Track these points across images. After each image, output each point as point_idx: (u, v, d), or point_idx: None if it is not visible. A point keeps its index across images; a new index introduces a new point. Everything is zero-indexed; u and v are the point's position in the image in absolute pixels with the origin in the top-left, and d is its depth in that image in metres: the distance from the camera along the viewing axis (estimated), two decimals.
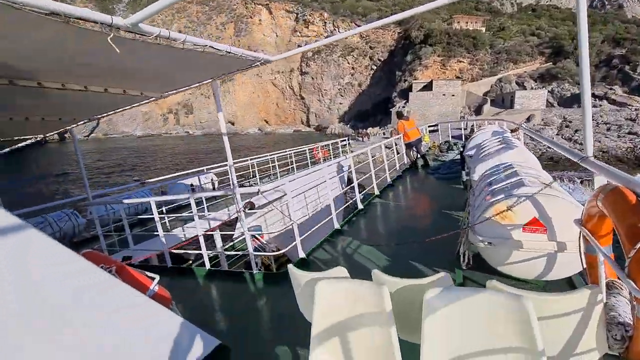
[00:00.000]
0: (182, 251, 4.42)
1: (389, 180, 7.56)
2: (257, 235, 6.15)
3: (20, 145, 5.20)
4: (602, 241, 1.54)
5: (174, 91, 3.42)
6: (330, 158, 15.86)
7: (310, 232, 4.25)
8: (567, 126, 30.07)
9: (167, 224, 7.40)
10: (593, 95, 38.48)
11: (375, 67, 73.64)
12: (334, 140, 16.40)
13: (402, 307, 1.53)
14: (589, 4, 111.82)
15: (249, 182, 12.33)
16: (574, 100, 38.70)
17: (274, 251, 6.67)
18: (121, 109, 3.93)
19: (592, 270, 1.63)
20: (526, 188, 2.48)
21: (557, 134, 28.55)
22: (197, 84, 3.29)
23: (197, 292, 3.66)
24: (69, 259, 1.42)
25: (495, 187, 2.82)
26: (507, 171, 3.12)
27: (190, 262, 6.80)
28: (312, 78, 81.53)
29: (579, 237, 1.72)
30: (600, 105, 35.79)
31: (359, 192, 5.85)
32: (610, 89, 38.60)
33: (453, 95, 43.64)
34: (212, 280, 3.84)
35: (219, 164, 11.25)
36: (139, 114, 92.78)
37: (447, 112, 42.91)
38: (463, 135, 13.02)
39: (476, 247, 2.72)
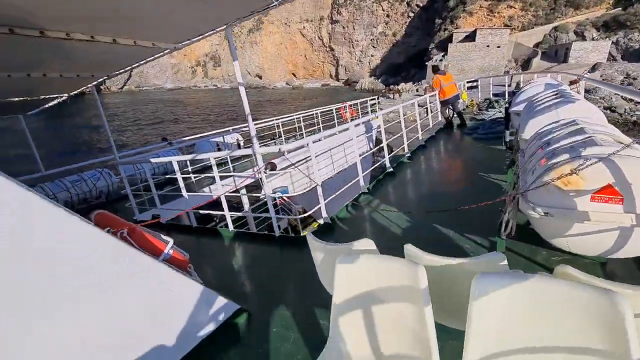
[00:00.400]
0: (207, 211, 4.46)
1: (421, 140, 7.12)
2: (283, 196, 6.03)
3: (47, 105, 5.21)
4: None
5: (188, 41, 3.16)
6: (359, 117, 15.45)
7: (335, 195, 4.07)
8: (630, 84, 26.55)
9: (194, 183, 7.38)
10: None
11: (412, 15, 67.22)
12: (363, 99, 15.59)
13: (440, 289, 1.33)
14: None
15: (274, 141, 12.23)
16: None
17: (299, 212, 6.62)
18: (136, 64, 3.72)
19: None
20: (598, 148, 1.97)
21: (615, 94, 25.39)
22: (212, 32, 2.98)
23: (218, 254, 3.63)
24: (73, 224, 1.34)
25: (554, 146, 2.30)
26: (569, 128, 2.53)
27: (215, 222, 6.81)
28: (343, 27, 76.34)
29: None
30: None
31: (389, 153, 5.49)
32: None
33: (498, 47, 39.36)
34: (235, 242, 3.81)
35: (244, 124, 11.10)
36: (168, 66, 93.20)
37: (490, 66, 39.12)
38: (507, 93, 11.88)
39: (524, 217, 2.32)
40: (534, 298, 1.04)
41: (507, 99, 10.57)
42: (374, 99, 17.15)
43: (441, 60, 41.59)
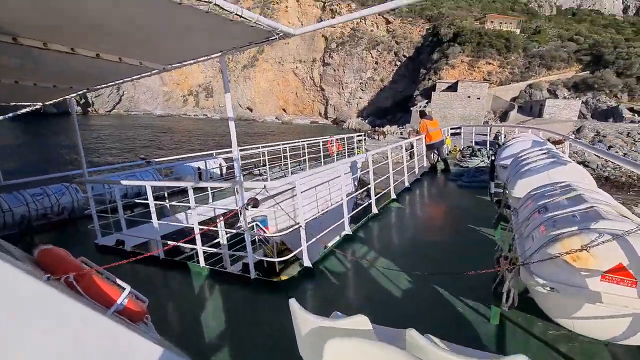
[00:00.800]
0: (177, 243, 4.04)
1: (407, 183, 7.07)
2: (261, 226, 5.82)
3: (20, 112, 4.99)
4: None
5: (178, 64, 3.05)
6: (345, 152, 15.35)
7: (319, 237, 3.85)
8: (599, 141, 28.07)
9: (168, 208, 6.87)
10: (632, 109, 35.88)
11: (399, 63, 71.50)
12: (350, 135, 15.87)
13: None
14: (633, 12, 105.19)
15: (258, 170, 11.82)
16: (609, 114, 36.16)
17: (278, 246, 6.20)
18: (121, 80, 3.54)
19: None
20: (606, 222, 1.87)
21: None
22: (205, 58, 2.88)
23: (185, 294, 3.28)
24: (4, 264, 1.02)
25: (554, 213, 2.22)
26: (567, 193, 2.46)
27: (186, 255, 6.40)
28: (334, 70, 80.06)
29: None
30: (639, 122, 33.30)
31: (375, 195, 5.35)
32: None
33: (478, 99, 41.68)
34: (205, 280, 3.46)
35: (229, 149, 10.55)
36: (160, 93, 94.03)
37: (470, 115, 41.08)
38: (488, 142, 12.21)
39: (522, 283, 2.20)
40: None
41: (489, 149, 10.91)
42: (361, 135, 17.57)
43: (425, 106, 43.46)
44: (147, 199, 4.34)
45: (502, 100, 42.83)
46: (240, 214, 3.34)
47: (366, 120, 65.68)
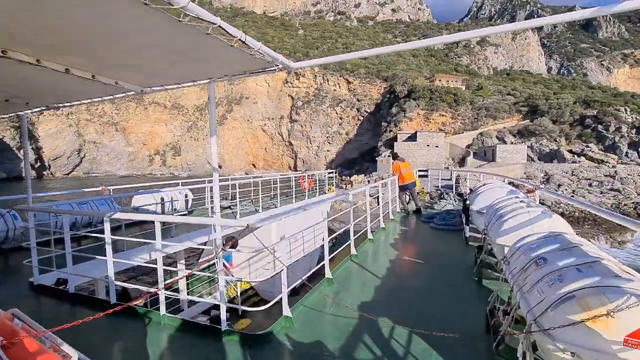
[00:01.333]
0: (134, 285, 3.63)
1: (382, 224, 7.18)
2: (226, 263, 5.51)
3: None
4: None
5: (160, 87, 2.86)
6: (316, 189, 15.33)
7: (299, 281, 3.65)
8: (548, 179, 30.11)
9: (123, 243, 5.98)
10: (570, 151, 39.60)
11: (362, 118, 76.20)
12: (321, 172, 16.31)
13: None
14: (557, 71, 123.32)
15: (227, 202, 11.19)
16: (553, 156, 39.61)
17: (249, 293, 5.77)
18: (89, 100, 3.22)
19: None
20: (621, 281, 1.81)
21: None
22: (191, 84, 2.74)
23: (138, 351, 2.74)
24: None
25: (557, 265, 2.16)
26: (561, 244, 2.44)
27: (143, 299, 5.87)
28: (302, 126, 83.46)
29: None
30: (580, 162, 36.57)
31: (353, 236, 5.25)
32: (587, 146, 39.91)
33: (437, 147, 44.36)
34: (166, 332, 2.98)
35: (196, 179, 10.17)
36: (124, 154, 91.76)
37: (432, 162, 43.24)
38: (453, 186, 13.36)
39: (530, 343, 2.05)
40: None
41: (454, 192, 11.62)
42: (332, 172, 18.24)
43: (389, 156, 45.38)
44: (100, 232, 3.65)
45: (458, 147, 45.85)
46: (216, 257, 2.96)
47: (335, 171, 67.17)
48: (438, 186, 13.92)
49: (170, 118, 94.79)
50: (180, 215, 8.66)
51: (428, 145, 44.62)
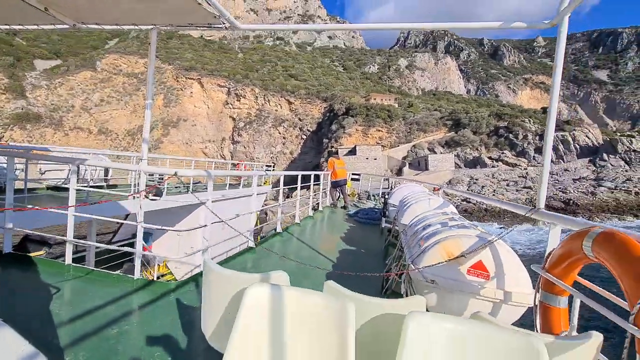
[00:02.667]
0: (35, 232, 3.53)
1: (310, 212, 7.62)
2: (145, 245, 5.41)
3: None
4: (564, 290, 1.64)
5: (95, 25, 2.50)
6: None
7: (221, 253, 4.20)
8: (474, 183, 32.63)
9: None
10: (490, 157, 43.97)
11: (305, 137, 77.03)
12: (259, 163, 17.33)
13: (367, 332, 1.30)
14: (474, 92, 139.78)
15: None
16: (476, 163, 43.58)
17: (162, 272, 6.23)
18: (7, 27, 2.72)
19: (546, 319, 1.72)
20: (469, 232, 2.53)
21: (468, 189, 30.51)
22: (132, 26, 2.48)
23: (40, 297, 2.51)
24: None
25: (436, 228, 2.85)
26: (441, 216, 3.36)
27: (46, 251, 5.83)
28: (244, 147, 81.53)
29: (538, 283, 1.83)
30: (497, 166, 40.62)
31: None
32: (502, 152, 44.68)
33: (375, 159, 46.09)
34: (70, 282, 2.74)
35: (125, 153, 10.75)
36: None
37: (372, 174, 44.75)
38: (381, 191, 13.74)
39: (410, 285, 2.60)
40: (464, 337, 1.09)
41: (381, 195, 12.34)
42: (270, 165, 19.46)
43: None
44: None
45: (395, 159, 48.22)
46: (138, 202, 2.94)
47: (273, 165, 66.41)
48: (368, 190, 15.45)
49: (97, 144, 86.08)
50: (99, 186, 8.69)
51: (367, 158, 46.19)
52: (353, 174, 15.19)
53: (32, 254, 3.40)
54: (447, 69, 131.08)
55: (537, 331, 1.69)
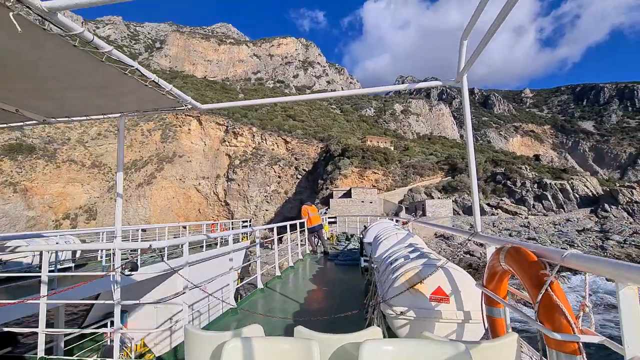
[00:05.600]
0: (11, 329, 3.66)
1: (290, 262, 7.69)
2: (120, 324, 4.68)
3: None
4: (500, 303, 1.87)
5: (65, 118, 2.83)
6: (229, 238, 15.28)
7: (205, 313, 4.92)
8: (475, 232, 31.15)
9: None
10: (488, 204, 42.90)
11: (300, 177, 76.36)
12: (236, 220, 16.23)
13: None
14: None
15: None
16: None
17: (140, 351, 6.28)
18: None
19: (493, 329, 1.94)
20: (429, 260, 2.75)
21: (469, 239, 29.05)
22: (100, 117, 2.82)
23: None
24: None
25: (400, 262, 3.00)
26: (406, 249, 3.55)
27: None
28: (238, 185, 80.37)
29: (482, 299, 2.04)
30: (497, 214, 39.39)
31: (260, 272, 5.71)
32: (501, 199, 43.76)
33: (371, 202, 44.80)
34: None
35: (92, 229, 10.64)
36: (21, 219, 76.75)
37: (366, 218, 43.13)
38: (358, 230, 14.15)
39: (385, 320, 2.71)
40: (414, 354, 1.34)
41: (359, 235, 12.24)
42: (246, 220, 19.20)
43: (325, 212, 44.30)
44: None
45: (391, 202, 46.94)
46: (114, 281, 2.91)
47: (249, 221, 64.15)
48: (346, 232, 15.69)
49: (89, 177, 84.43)
50: (66, 267, 8.56)
51: (362, 202, 44.89)
52: (329, 218, 15.68)
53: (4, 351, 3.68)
54: (440, 115, 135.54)
55: None
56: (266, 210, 76.43)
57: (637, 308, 1.11)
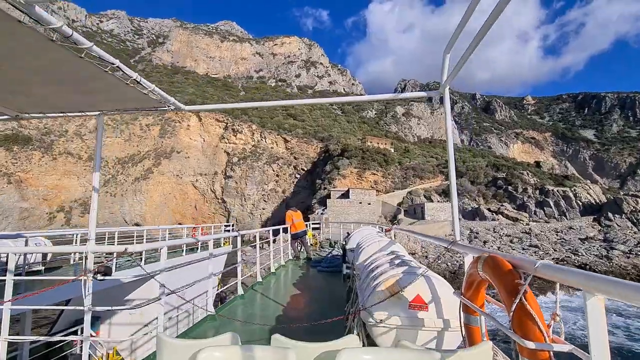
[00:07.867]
0: None
1: (272, 269, 7.59)
2: (92, 332, 4.43)
3: None
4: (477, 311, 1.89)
5: (40, 114, 2.70)
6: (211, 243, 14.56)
7: (183, 320, 5.02)
8: (475, 237, 30.29)
9: None
10: (489, 209, 42.12)
11: (299, 176, 75.51)
12: (218, 224, 17.21)
13: None
14: (467, 142, 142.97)
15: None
16: (475, 214, 41.63)
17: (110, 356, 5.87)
18: None
19: (470, 338, 1.96)
20: (407, 269, 2.72)
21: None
22: (79, 114, 2.69)
23: None
24: None
25: (381, 269, 3.02)
26: (388, 257, 3.52)
27: None
28: (236, 182, 79.50)
29: (459, 308, 2.04)
30: (498, 219, 38.60)
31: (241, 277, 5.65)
32: (502, 205, 42.98)
33: (369, 204, 43.97)
34: None
35: (67, 230, 10.61)
36: (15, 210, 75.65)
37: (365, 220, 42.19)
38: (342, 237, 13.61)
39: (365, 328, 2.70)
40: None
41: (342, 241, 12.14)
42: (229, 225, 18.85)
43: (322, 213, 43.41)
44: None
45: (390, 205, 46.11)
46: (85, 284, 2.77)
47: (232, 225, 63.52)
48: (329, 238, 15.72)
49: (85, 170, 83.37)
50: (34, 271, 8.28)
51: (360, 203, 44.05)
52: (314, 224, 15.69)
53: None
54: (442, 119, 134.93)
55: None
56: (263, 209, 75.54)
57: (603, 317, 1.12)
